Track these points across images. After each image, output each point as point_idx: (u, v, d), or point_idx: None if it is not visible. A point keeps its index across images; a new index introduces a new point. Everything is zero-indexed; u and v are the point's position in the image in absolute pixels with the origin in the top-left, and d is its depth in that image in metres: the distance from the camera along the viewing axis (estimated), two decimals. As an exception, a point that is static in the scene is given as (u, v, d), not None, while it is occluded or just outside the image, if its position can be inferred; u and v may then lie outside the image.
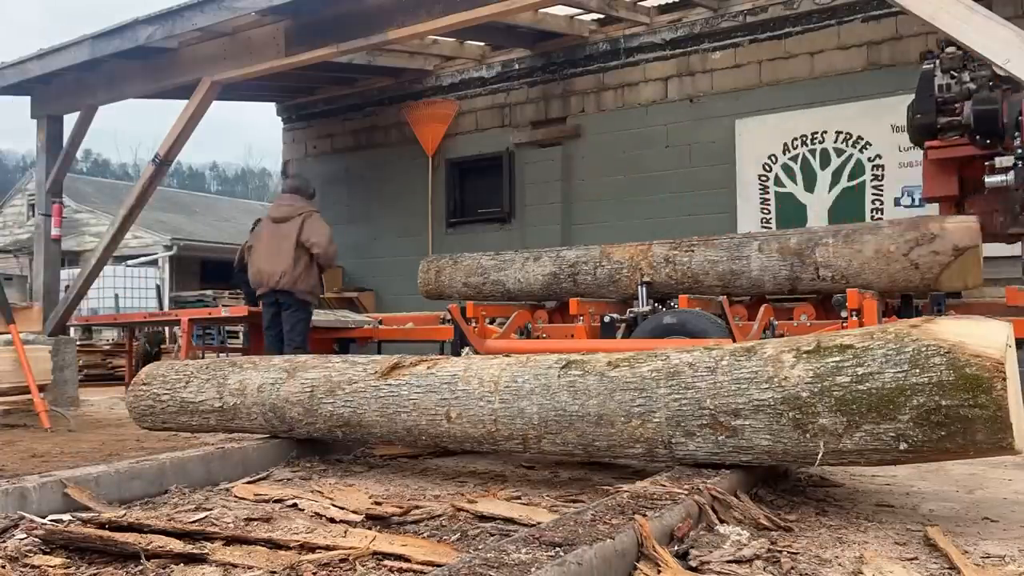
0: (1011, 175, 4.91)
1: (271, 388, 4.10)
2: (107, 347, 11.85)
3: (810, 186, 8.35)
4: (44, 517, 2.99)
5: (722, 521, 2.74)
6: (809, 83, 8.36)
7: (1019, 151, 4.83)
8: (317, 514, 3.11)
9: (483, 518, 2.98)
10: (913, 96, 5.77)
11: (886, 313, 5.81)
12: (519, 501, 3.30)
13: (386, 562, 2.47)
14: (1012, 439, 2.67)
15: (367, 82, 11.40)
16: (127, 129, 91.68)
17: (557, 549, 2.10)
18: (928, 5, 4.41)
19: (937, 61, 5.44)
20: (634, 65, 9.41)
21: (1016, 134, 4.86)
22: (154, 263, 21.44)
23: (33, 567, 2.49)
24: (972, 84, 5.36)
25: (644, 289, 6.12)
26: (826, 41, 8.27)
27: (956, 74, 5.39)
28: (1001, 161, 4.97)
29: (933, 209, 6.18)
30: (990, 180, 5.15)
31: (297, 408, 4.00)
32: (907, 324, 2.91)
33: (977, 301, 5.96)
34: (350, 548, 2.54)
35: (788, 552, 2.54)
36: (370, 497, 3.38)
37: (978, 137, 5.09)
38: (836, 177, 8.23)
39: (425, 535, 2.83)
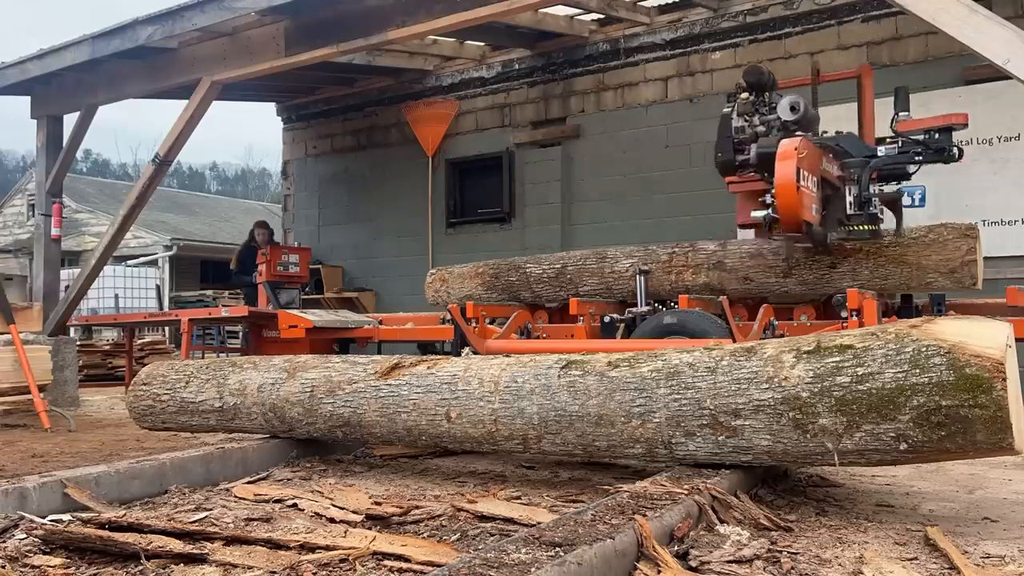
0: (767, 211, 5.43)
1: (271, 388, 4.10)
2: (107, 347, 11.82)
3: (810, 186, 8.34)
4: (44, 517, 2.99)
5: (722, 521, 2.74)
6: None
7: (771, 189, 5.31)
8: (317, 514, 3.11)
9: (483, 518, 2.98)
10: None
11: (886, 313, 5.81)
12: (519, 501, 3.30)
13: (386, 562, 2.47)
14: (1012, 439, 2.67)
15: (367, 82, 11.40)
16: (127, 129, 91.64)
17: (557, 549, 2.10)
18: (928, 5, 4.40)
19: (734, 104, 5.96)
20: (634, 65, 9.41)
21: (767, 174, 5.38)
22: (154, 263, 21.45)
23: (33, 567, 2.49)
24: (761, 127, 5.86)
25: (643, 279, 6.10)
26: (826, 41, 8.27)
27: (748, 118, 5.92)
28: (768, 197, 5.41)
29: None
30: (754, 214, 5.70)
31: (297, 408, 4.00)
32: (907, 324, 2.91)
33: (977, 301, 5.96)
34: (350, 548, 2.54)
35: (788, 552, 2.54)
36: (370, 497, 3.38)
37: (765, 175, 5.55)
38: (836, 177, 8.21)
39: (425, 535, 2.83)
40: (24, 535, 2.73)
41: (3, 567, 2.46)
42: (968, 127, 5.82)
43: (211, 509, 3.16)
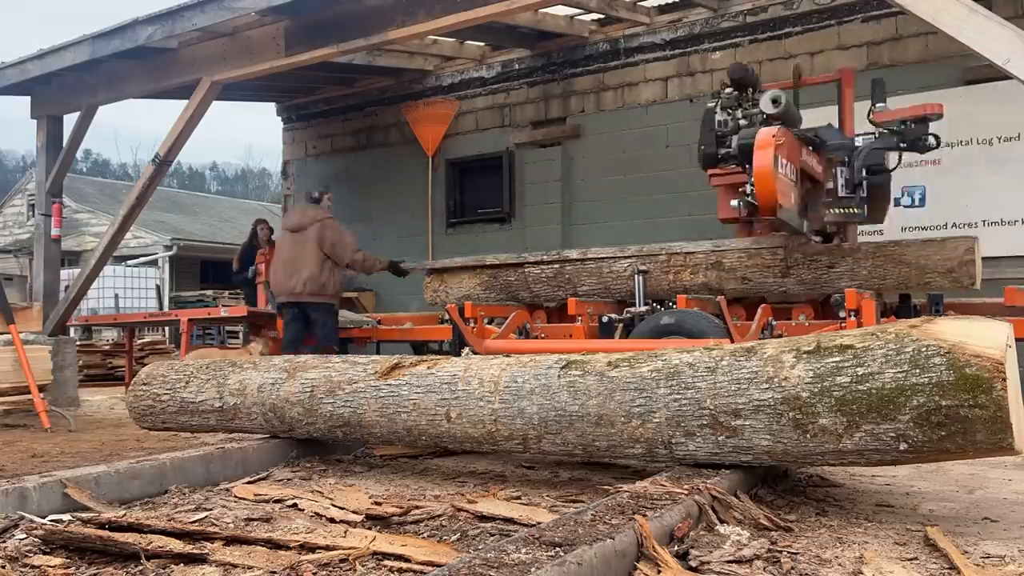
0: (742, 200, 5.48)
1: (271, 388, 4.10)
2: (107, 347, 11.83)
3: (810, 186, 8.34)
4: (44, 517, 2.99)
5: (722, 521, 2.74)
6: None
7: (750, 179, 5.39)
8: (317, 514, 3.11)
9: (483, 518, 2.98)
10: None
11: (884, 313, 5.81)
12: (519, 501, 3.30)
13: (386, 562, 2.47)
14: (1012, 439, 2.67)
15: (367, 82, 11.39)
16: (127, 129, 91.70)
17: (557, 549, 2.10)
18: (928, 5, 4.41)
19: (718, 100, 6.12)
20: (634, 65, 9.41)
21: (748, 164, 5.42)
22: (154, 263, 21.45)
23: (33, 567, 2.49)
24: (744, 120, 5.97)
25: (641, 279, 6.10)
26: (826, 41, 8.26)
27: (731, 112, 6.04)
28: (748, 187, 5.45)
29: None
30: (732, 203, 5.72)
31: (297, 408, 4.00)
32: (907, 324, 2.91)
33: (976, 301, 5.96)
34: (350, 548, 2.54)
35: (788, 552, 2.54)
36: (370, 497, 3.38)
37: (746, 165, 5.60)
38: (836, 177, 8.21)
39: (425, 535, 2.83)
40: (24, 535, 2.73)
41: (3, 567, 2.46)
42: (944, 118, 5.97)
43: (211, 509, 3.16)
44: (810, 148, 5.81)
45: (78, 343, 9.57)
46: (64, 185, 8.79)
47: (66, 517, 3.02)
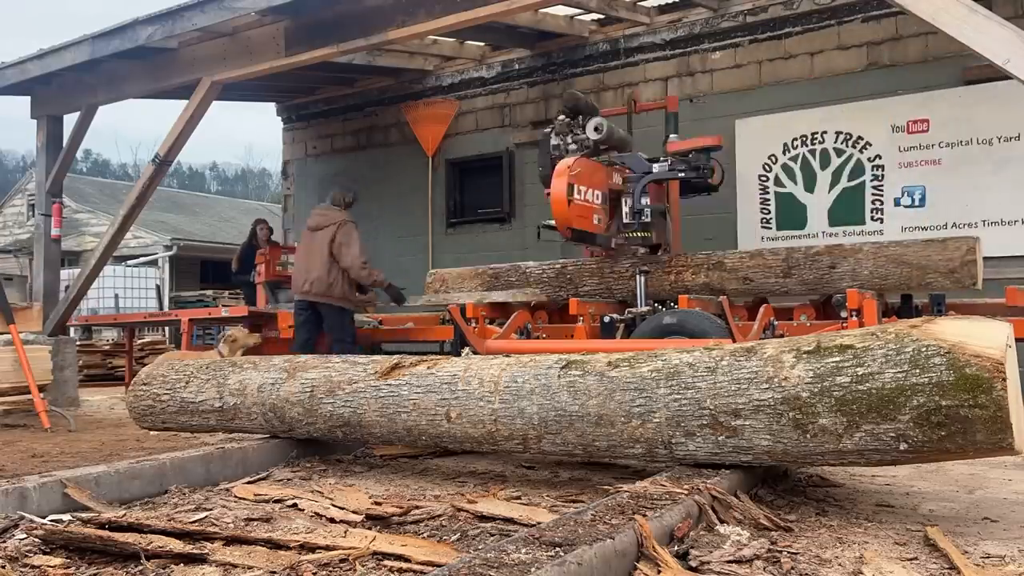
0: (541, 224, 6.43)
1: (271, 388, 4.10)
2: (107, 347, 11.83)
3: (810, 186, 8.35)
4: (44, 517, 2.99)
5: (722, 521, 2.74)
6: (809, 83, 8.35)
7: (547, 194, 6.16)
8: (317, 514, 3.11)
9: (483, 518, 2.98)
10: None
11: (886, 313, 5.81)
12: (519, 501, 3.30)
13: (386, 562, 2.47)
14: (1012, 439, 2.67)
15: (367, 82, 11.39)
16: (127, 129, 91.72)
17: (557, 549, 2.10)
18: (928, 5, 4.41)
19: (554, 126, 6.87)
20: (634, 65, 9.40)
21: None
22: (154, 263, 21.45)
23: (33, 567, 2.49)
24: (574, 145, 6.71)
25: (643, 279, 6.11)
26: (826, 41, 8.27)
27: (563, 137, 6.79)
28: None
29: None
30: (538, 224, 6.63)
31: (297, 408, 4.00)
32: (907, 324, 2.91)
33: (977, 301, 5.96)
34: (350, 548, 2.54)
35: (788, 552, 2.53)
36: (370, 497, 3.38)
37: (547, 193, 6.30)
38: (836, 177, 8.22)
39: (425, 535, 2.83)
40: (24, 535, 2.73)
41: (3, 567, 2.46)
42: (723, 148, 6.71)
43: (211, 509, 3.16)
44: (618, 173, 6.59)
45: (78, 343, 9.57)
46: (64, 185, 8.79)
47: (66, 517, 3.02)
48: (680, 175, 6.58)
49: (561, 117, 6.88)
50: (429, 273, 7.74)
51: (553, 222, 6.17)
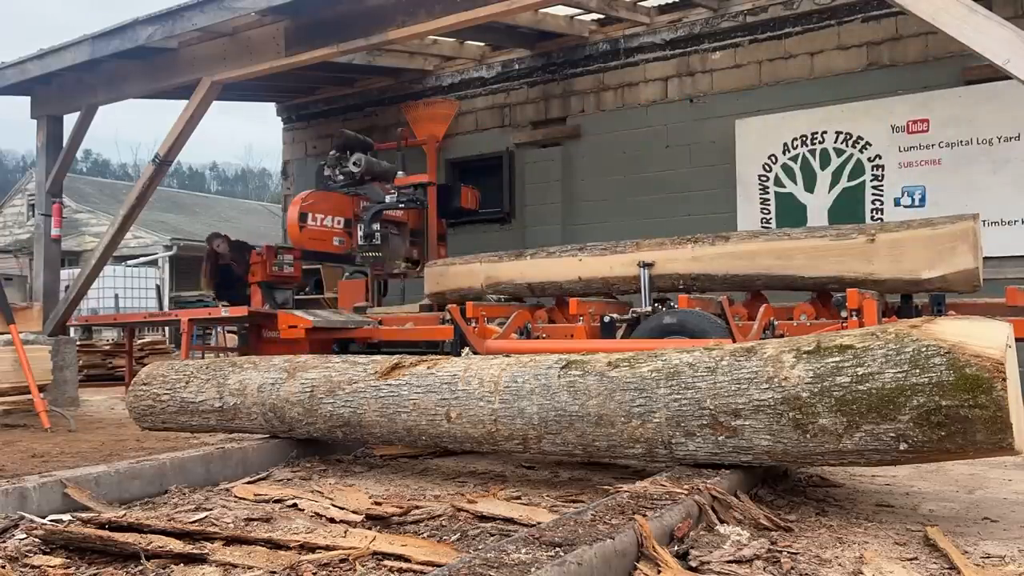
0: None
1: (271, 388, 4.10)
2: (107, 347, 11.82)
3: (810, 186, 8.35)
4: (44, 517, 2.99)
5: (722, 521, 2.74)
6: (809, 83, 8.36)
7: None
8: (317, 514, 3.11)
9: (483, 518, 2.98)
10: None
11: (886, 313, 5.80)
12: (519, 501, 3.30)
13: (386, 562, 2.47)
14: (1012, 439, 2.67)
15: (367, 82, 11.39)
16: (127, 129, 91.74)
17: (557, 549, 2.10)
18: (928, 5, 4.40)
19: (326, 160, 8.52)
20: (634, 65, 9.41)
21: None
22: (154, 263, 21.46)
23: (33, 567, 2.49)
24: (341, 176, 8.41)
25: (646, 272, 6.08)
26: (826, 41, 8.27)
27: (333, 169, 8.50)
28: None
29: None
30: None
31: (297, 408, 4.00)
32: (907, 324, 2.91)
33: (977, 301, 5.95)
34: (350, 548, 2.54)
35: (788, 552, 2.54)
36: (370, 497, 3.38)
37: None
38: (836, 177, 8.22)
39: (425, 535, 2.83)
40: (24, 535, 2.73)
41: (3, 567, 2.46)
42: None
43: (211, 509, 3.16)
44: (364, 202, 8.31)
45: (78, 343, 9.56)
46: (64, 185, 8.79)
47: (66, 517, 3.02)
48: (400, 207, 8.42)
49: (333, 152, 8.39)
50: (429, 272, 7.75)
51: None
